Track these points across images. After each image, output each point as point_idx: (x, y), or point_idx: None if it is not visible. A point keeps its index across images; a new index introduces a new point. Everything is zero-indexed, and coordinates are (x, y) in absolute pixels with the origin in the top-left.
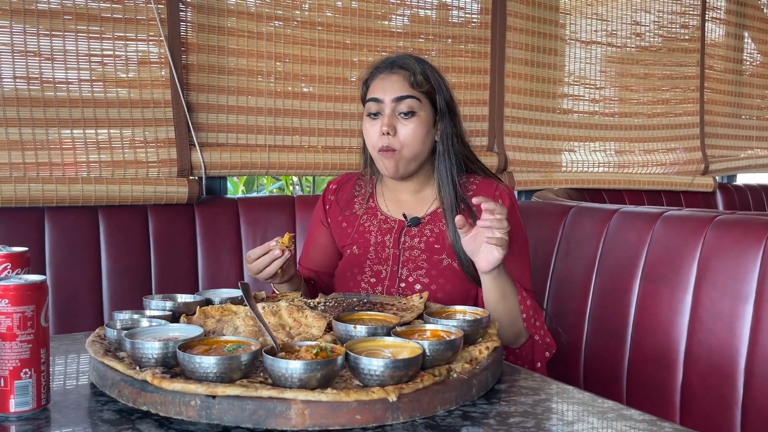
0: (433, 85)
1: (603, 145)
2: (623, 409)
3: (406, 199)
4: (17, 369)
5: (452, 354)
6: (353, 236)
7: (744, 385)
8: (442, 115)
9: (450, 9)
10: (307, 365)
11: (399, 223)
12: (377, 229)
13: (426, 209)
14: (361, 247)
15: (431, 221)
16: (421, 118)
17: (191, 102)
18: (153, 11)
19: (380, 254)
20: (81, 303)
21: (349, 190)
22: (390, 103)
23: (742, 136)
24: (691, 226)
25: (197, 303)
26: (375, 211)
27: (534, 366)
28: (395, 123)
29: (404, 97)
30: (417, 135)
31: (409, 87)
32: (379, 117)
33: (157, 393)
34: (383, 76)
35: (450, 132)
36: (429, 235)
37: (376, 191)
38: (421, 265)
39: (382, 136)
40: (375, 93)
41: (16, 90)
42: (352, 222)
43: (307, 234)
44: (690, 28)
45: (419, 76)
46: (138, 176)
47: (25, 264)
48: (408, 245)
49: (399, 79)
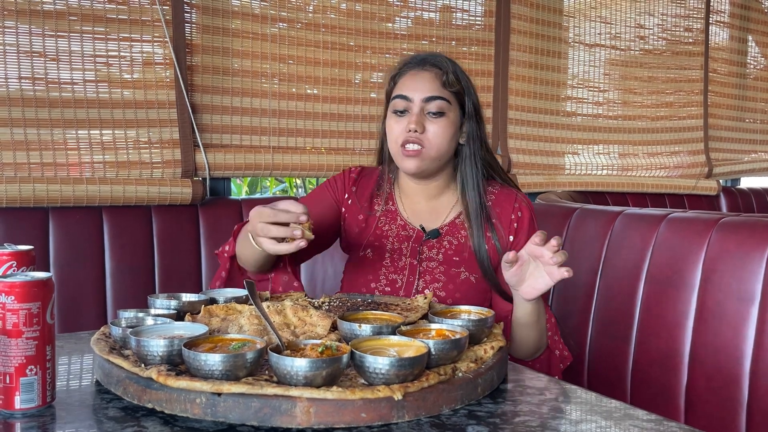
0: (463, 86)
1: (606, 148)
2: (629, 409)
3: (422, 207)
4: (23, 366)
5: (457, 353)
6: (369, 239)
7: (749, 387)
8: (469, 118)
9: (454, 11)
10: (312, 363)
11: (417, 233)
12: (395, 235)
13: (443, 219)
14: (375, 252)
15: (449, 232)
16: (449, 118)
17: (195, 103)
18: (158, 12)
19: (396, 262)
20: (85, 303)
21: (370, 187)
22: (419, 102)
23: (745, 139)
24: (696, 228)
25: (202, 302)
26: (395, 216)
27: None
28: (423, 121)
29: (435, 98)
30: (445, 135)
31: (441, 87)
32: (405, 115)
33: (162, 390)
34: (414, 73)
35: (476, 135)
36: (448, 247)
37: (395, 193)
38: (438, 277)
39: (407, 132)
40: (404, 90)
41: (22, 90)
42: (371, 223)
43: (306, 199)
44: (694, 31)
45: (451, 75)
46: (142, 177)
47: (31, 262)
48: (426, 256)
49: (431, 78)
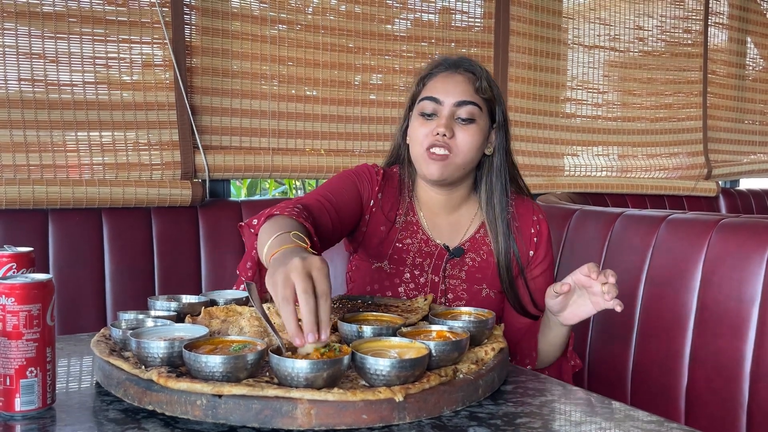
0: (495, 94)
1: (606, 150)
2: (630, 410)
3: (442, 221)
4: (23, 368)
5: (458, 354)
6: (390, 251)
7: (749, 388)
8: (499, 127)
9: (453, 13)
10: (313, 365)
11: (440, 251)
12: (417, 250)
13: (463, 234)
14: (394, 266)
15: (471, 248)
16: (479, 126)
17: (195, 105)
18: (157, 14)
19: (417, 279)
20: (84, 305)
21: (393, 195)
22: (450, 106)
23: (745, 141)
24: (696, 229)
25: (202, 304)
26: (416, 228)
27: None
28: (453, 125)
29: (467, 102)
30: (474, 143)
31: (473, 92)
32: (433, 118)
33: (162, 392)
34: (446, 75)
35: (503, 145)
36: (471, 264)
37: (415, 204)
38: (461, 295)
39: (435, 135)
40: (435, 92)
41: (21, 92)
42: (392, 236)
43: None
44: (693, 33)
45: (484, 82)
46: (141, 179)
47: (31, 264)
48: (449, 274)
49: (464, 81)
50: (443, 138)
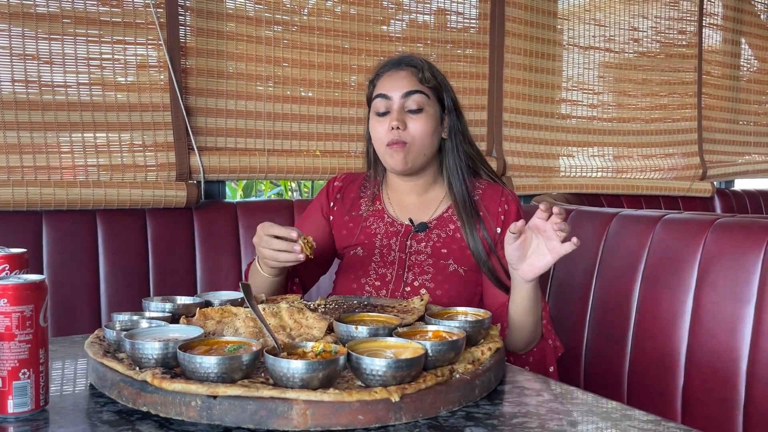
0: (440, 81)
1: (601, 150)
2: (627, 410)
3: (412, 202)
4: (16, 369)
5: (455, 354)
6: (359, 237)
7: (746, 387)
8: (449, 112)
9: (448, 14)
10: (309, 365)
11: (406, 228)
12: (384, 232)
13: (432, 213)
14: (365, 249)
15: (438, 226)
16: (429, 113)
17: (190, 106)
18: (152, 15)
19: (386, 257)
20: (79, 306)
21: (355, 190)
22: (399, 99)
23: (739, 141)
24: (692, 229)
25: (197, 305)
26: (381, 213)
27: (547, 370)
28: (404, 118)
29: (413, 92)
30: (426, 129)
31: (418, 82)
32: (387, 115)
33: (157, 393)
34: (390, 73)
35: (457, 128)
36: (436, 239)
37: (382, 193)
38: (427, 270)
39: (390, 131)
40: (383, 89)
41: (15, 93)
42: (358, 223)
43: (300, 219)
44: (687, 34)
45: (427, 72)
46: (136, 180)
47: (24, 265)
48: (414, 249)
49: (407, 75)
50: (397, 131)
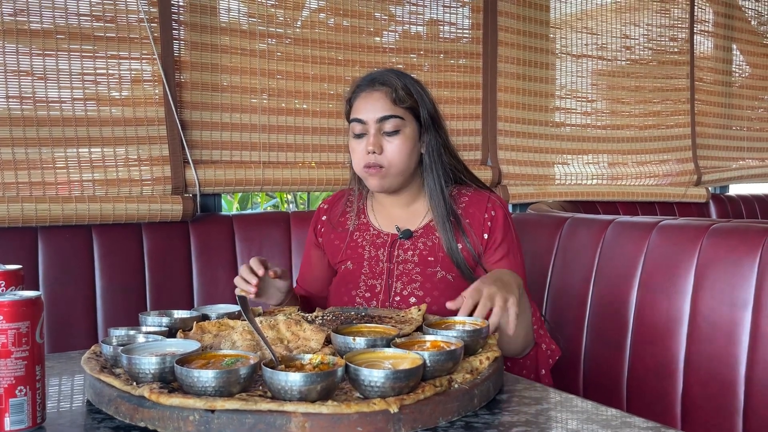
0: (416, 98)
1: (596, 158)
2: (626, 417)
3: (397, 213)
4: (12, 386)
5: (453, 364)
6: (346, 252)
7: (745, 392)
8: (426, 128)
9: (441, 25)
10: (306, 377)
11: (392, 237)
12: (370, 244)
13: (418, 222)
14: (354, 263)
15: (424, 234)
16: (406, 134)
17: (185, 119)
18: (146, 30)
19: (374, 269)
20: (75, 322)
21: (339, 207)
22: (374, 123)
23: (733, 147)
24: (688, 234)
25: (194, 318)
26: (367, 227)
27: (539, 374)
28: (380, 141)
29: (387, 117)
30: (403, 152)
31: (392, 104)
32: (364, 137)
33: (154, 408)
34: (365, 95)
35: (435, 144)
36: (422, 248)
37: (367, 206)
38: (415, 278)
39: (367, 154)
40: (358, 113)
41: (9, 110)
42: (344, 238)
43: (303, 254)
44: (679, 41)
45: (401, 91)
46: (132, 194)
47: (19, 282)
48: (401, 258)
49: (381, 97)
50: (373, 156)
